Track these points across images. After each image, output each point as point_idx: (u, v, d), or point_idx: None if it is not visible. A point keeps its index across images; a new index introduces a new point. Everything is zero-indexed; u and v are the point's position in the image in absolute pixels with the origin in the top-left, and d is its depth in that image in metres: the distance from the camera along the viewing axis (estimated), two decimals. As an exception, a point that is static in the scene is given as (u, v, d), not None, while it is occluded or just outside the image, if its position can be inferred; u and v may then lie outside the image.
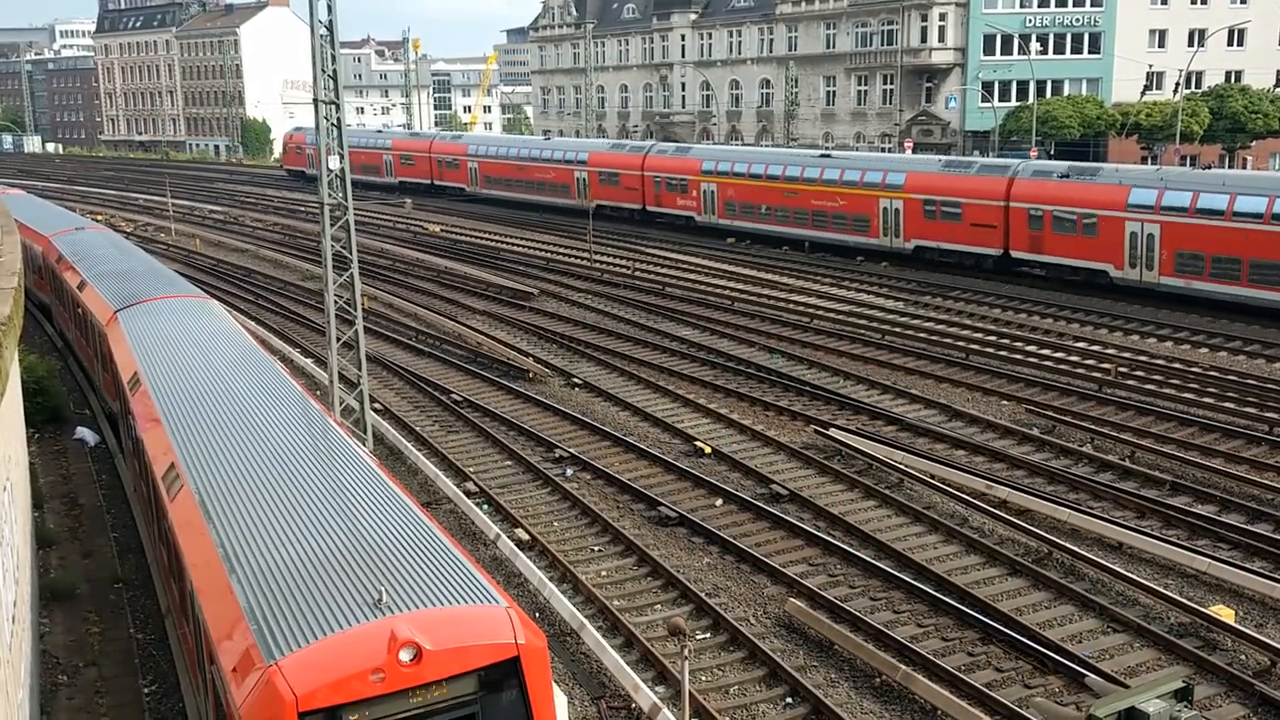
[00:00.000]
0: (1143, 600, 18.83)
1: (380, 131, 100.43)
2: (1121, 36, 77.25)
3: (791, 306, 42.46)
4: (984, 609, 18.57)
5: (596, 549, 21.76)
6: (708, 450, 26.88)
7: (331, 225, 24.08)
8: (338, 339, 24.46)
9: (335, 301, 24.43)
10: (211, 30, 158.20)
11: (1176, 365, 32.99)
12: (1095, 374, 31.96)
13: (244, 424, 15.83)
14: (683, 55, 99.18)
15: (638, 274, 50.32)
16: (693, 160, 61.97)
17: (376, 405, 29.70)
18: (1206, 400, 29.29)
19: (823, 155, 57.63)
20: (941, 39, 78.66)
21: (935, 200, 48.66)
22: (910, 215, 49.66)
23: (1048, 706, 14.92)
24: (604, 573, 20.61)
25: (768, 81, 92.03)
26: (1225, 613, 18.11)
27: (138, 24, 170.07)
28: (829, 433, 27.03)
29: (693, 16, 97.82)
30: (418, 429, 28.99)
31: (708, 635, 18.21)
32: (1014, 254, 46.31)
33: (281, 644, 9.78)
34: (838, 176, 52.94)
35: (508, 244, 61.24)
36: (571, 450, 26.87)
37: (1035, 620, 18.25)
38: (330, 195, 24.09)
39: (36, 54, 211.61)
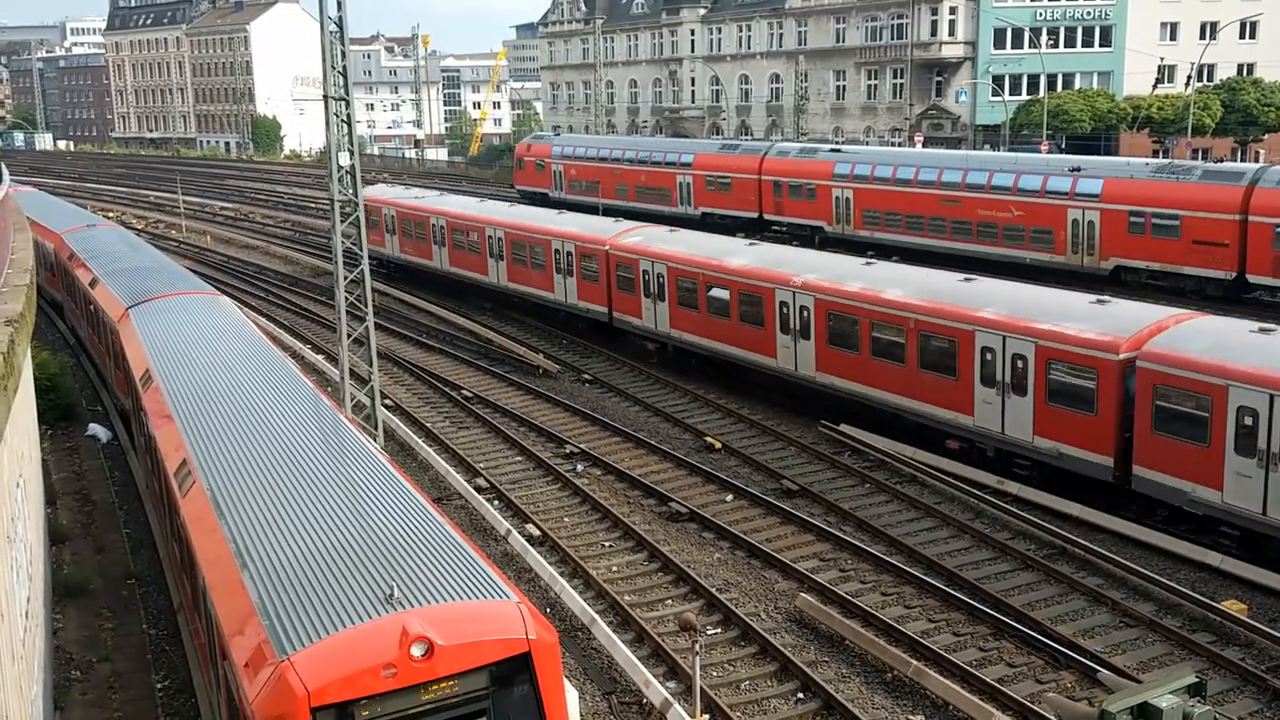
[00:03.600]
0: (1155, 595, 18.77)
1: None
2: (1132, 29, 76.85)
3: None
4: (995, 604, 18.54)
5: (607, 544, 21.77)
6: (718, 446, 26.86)
7: (342, 221, 24.09)
8: (349, 335, 24.49)
9: (346, 298, 24.45)
10: (222, 27, 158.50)
11: None
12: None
13: (255, 420, 15.86)
14: (692, 50, 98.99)
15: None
16: (822, 163, 53.32)
17: (387, 401, 29.74)
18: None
19: (991, 156, 50.08)
20: (951, 33, 78.36)
21: (1144, 212, 40.56)
22: (1109, 229, 41.43)
23: (1060, 702, 14.88)
24: (615, 568, 20.62)
25: (777, 76, 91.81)
26: (1238, 607, 18.05)
27: (148, 21, 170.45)
28: (840, 428, 26.98)
29: (702, 11, 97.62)
30: (428, 425, 29.03)
31: (719, 630, 18.20)
32: (1252, 279, 38.39)
33: (294, 639, 9.80)
34: (1011, 183, 44.47)
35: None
36: (582, 446, 26.88)
37: (1047, 615, 18.20)
38: (341, 191, 24.11)
39: (48, 52, 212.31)
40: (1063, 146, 69.35)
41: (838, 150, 55.93)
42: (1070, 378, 22.12)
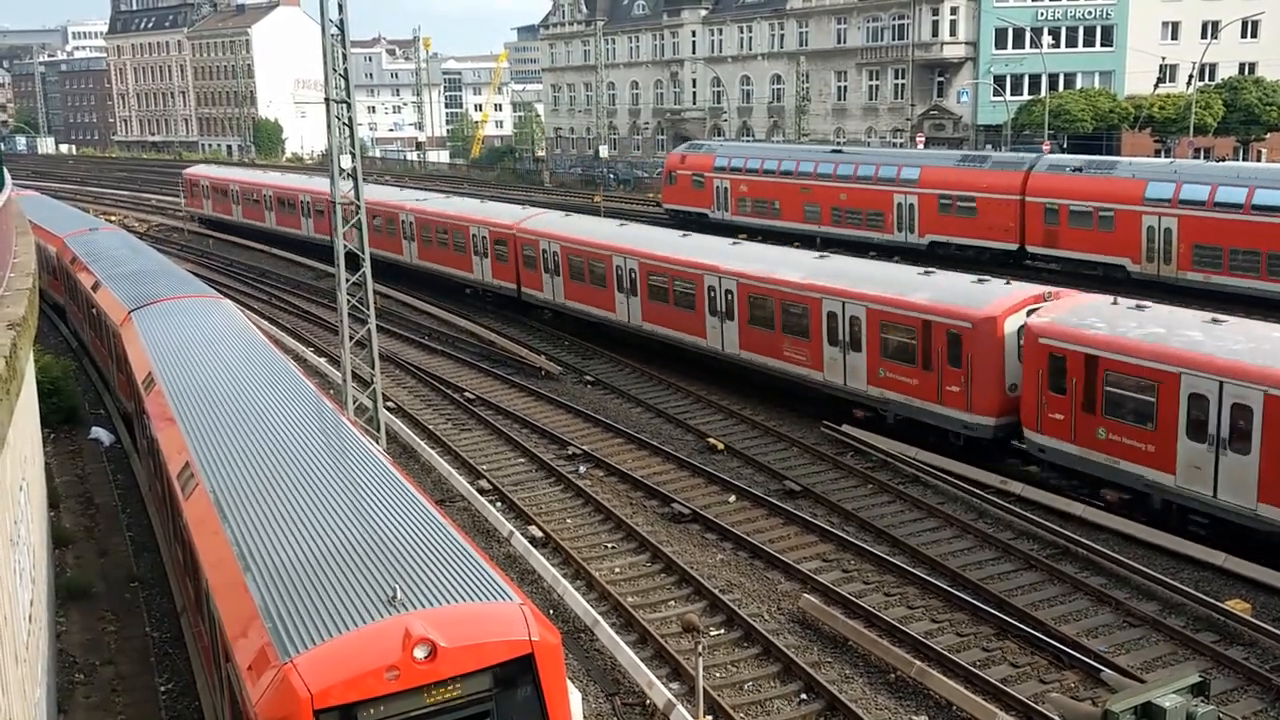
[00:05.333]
0: (1159, 594, 18.75)
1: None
2: (1134, 29, 76.80)
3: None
4: (999, 604, 18.53)
5: (610, 546, 21.77)
6: (720, 447, 26.86)
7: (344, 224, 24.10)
8: (351, 338, 24.49)
9: (348, 300, 24.45)
10: (223, 30, 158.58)
11: None
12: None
13: (258, 423, 15.87)
14: (693, 51, 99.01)
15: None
16: (1125, 181, 41.18)
17: (390, 404, 29.75)
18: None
19: None
20: (953, 33, 78.35)
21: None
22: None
23: (1064, 702, 14.87)
24: (618, 569, 20.62)
25: (779, 77, 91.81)
26: (1242, 606, 18.03)
27: (150, 25, 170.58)
28: (842, 429, 26.97)
29: (703, 12, 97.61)
30: (431, 427, 29.04)
31: (722, 631, 18.20)
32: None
33: (296, 642, 9.80)
34: None
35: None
36: (584, 448, 26.88)
37: (1051, 615, 18.20)
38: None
39: (49, 56, 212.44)
40: (1064, 146, 69.33)
41: (1172, 164, 43.85)
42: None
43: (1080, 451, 22.18)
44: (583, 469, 25.74)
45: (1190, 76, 69.86)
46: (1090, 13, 77.22)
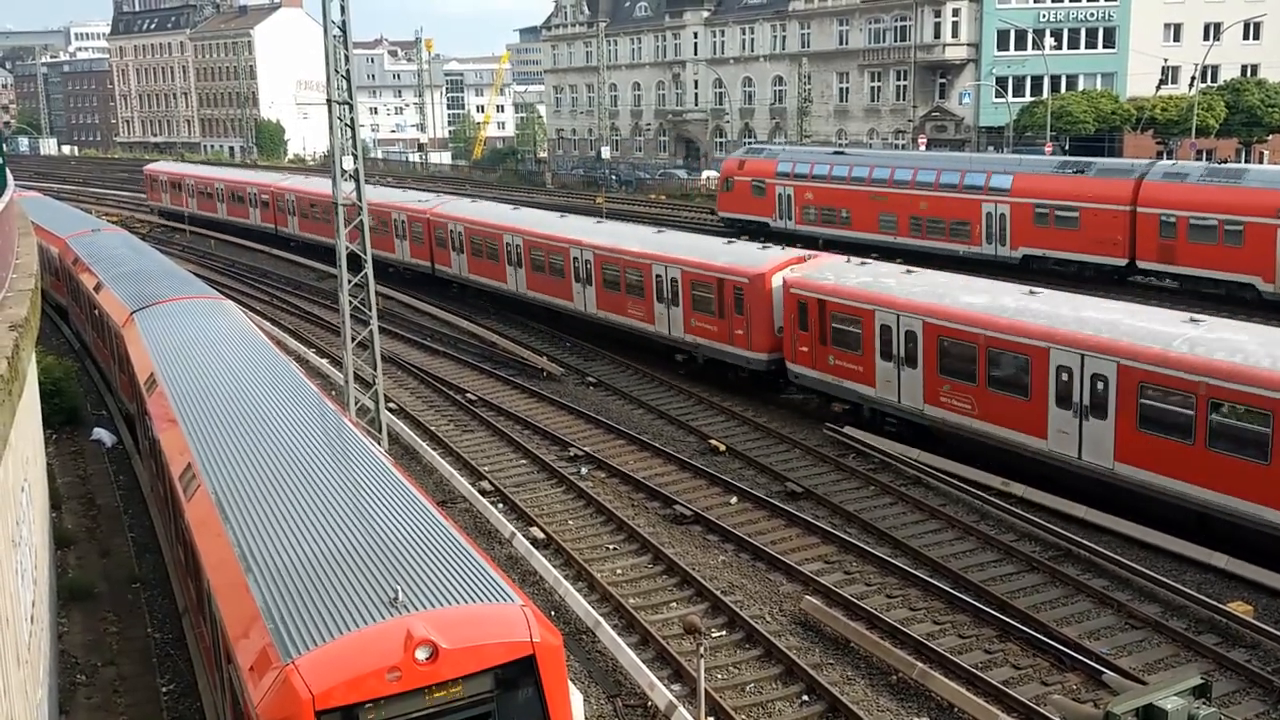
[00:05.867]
0: (1161, 596, 18.74)
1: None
2: (1136, 30, 76.79)
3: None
4: (1001, 606, 18.52)
5: (612, 547, 21.77)
6: (722, 448, 26.86)
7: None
8: (353, 338, 24.50)
9: (350, 301, 24.47)
10: (225, 32, 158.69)
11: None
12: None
13: (260, 424, 15.87)
14: (695, 53, 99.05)
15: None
16: (1259, 191, 37.67)
17: (391, 405, 29.75)
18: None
19: None
20: (955, 34, 78.39)
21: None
22: None
23: (1065, 704, 14.86)
24: (619, 571, 20.61)
25: (781, 79, 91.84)
26: (1244, 609, 18.01)
27: (152, 26, 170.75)
28: (844, 430, 26.97)
29: (705, 14, 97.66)
30: (433, 428, 29.04)
31: (723, 633, 18.19)
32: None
33: (298, 643, 9.80)
34: None
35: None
36: (586, 449, 26.88)
37: (1052, 617, 18.18)
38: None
39: (52, 56, 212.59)
40: (1066, 148, 69.33)
41: None
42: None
43: (819, 375, 28.17)
44: (584, 470, 25.74)
45: (1192, 78, 69.85)
46: (1092, 14, 77.21)
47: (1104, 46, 77.70)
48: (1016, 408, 23.09)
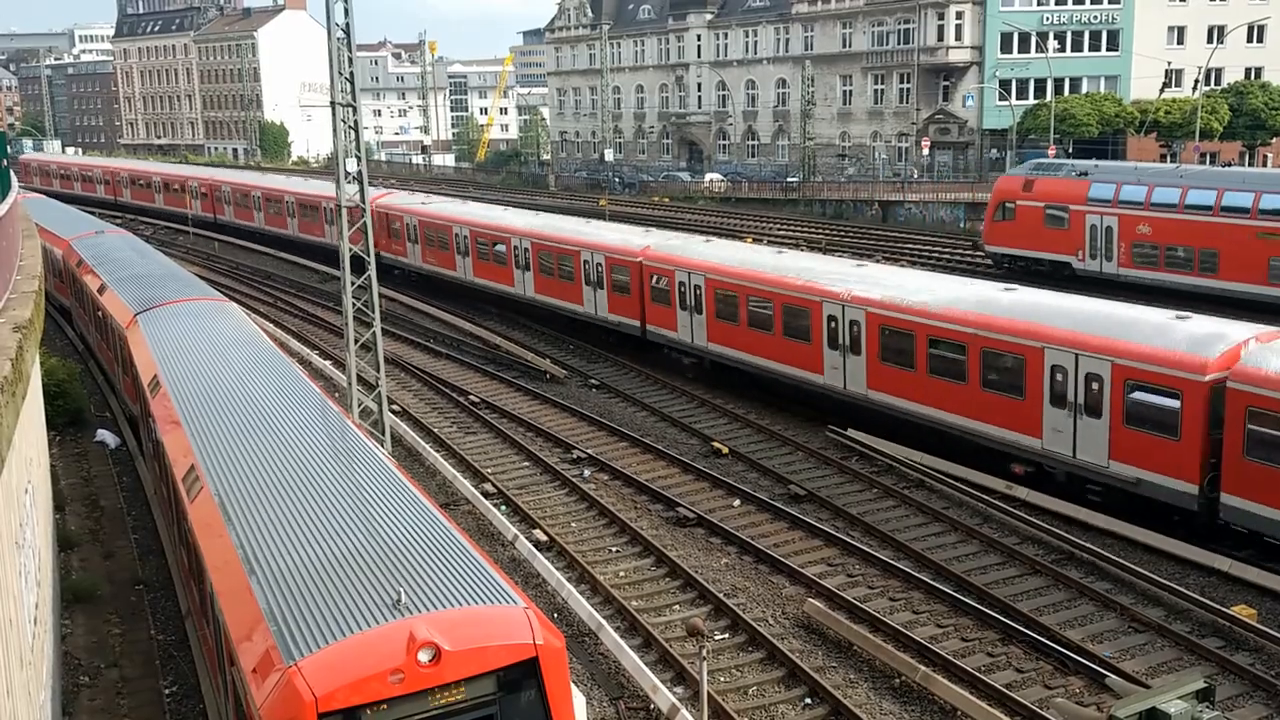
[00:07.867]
0: (1164, 600, 18.72)
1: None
2: (1140, 33, 76.77)
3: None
4: (1004, 609, 18.50)
5: (614, 549, 21.76)
6: (725, 451, 26.85)
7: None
8: (356, 341, 24.51)
9: (353, 304, 24.48)
10: (229, 34, 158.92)
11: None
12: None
13: (263, 426, 15.88)
14: (699, 56, 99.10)
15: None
16: None
17: (395, 407, 29.76)
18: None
19: None
20: (958, 37, 78.40)
21: None
22: None
23: (1068, 707, 14.85)
24: (622, 573, 20.60)
25: (784, 81, 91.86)
26: (1247, 612, 17.99)
27: (156, 28, 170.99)
28: (847, 432, 26.95)
29: (708, 17, 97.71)
30: (435, 430, 29.04)
31: (726, 636, 18.18)
32: None
33: (301, 645, 9.81)
34: None
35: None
36: (589, 451, 26.88)
37: (1055, 620, 18.16)
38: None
39: (56, 59, 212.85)
40: (1070, 151, 69.33)
41: None
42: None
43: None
44: (587, 473, 25.73)
45: (1196, 81, 69.83)
46: (1096, 17, 77.20)
47: (1107, 49, 77.70)
48: None
